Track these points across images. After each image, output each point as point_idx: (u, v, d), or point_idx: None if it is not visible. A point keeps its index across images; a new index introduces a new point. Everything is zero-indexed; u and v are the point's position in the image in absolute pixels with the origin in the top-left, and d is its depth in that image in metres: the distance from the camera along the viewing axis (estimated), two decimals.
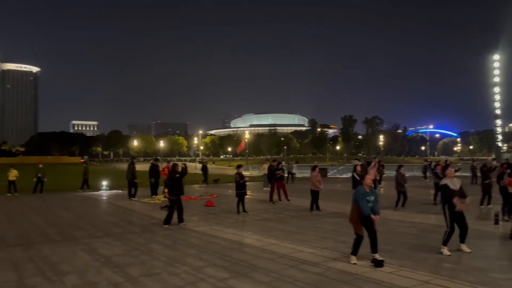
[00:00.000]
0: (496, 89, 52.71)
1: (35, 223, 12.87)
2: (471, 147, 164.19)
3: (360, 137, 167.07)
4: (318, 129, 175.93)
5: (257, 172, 44.78)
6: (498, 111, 53.40)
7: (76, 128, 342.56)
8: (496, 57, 52.25)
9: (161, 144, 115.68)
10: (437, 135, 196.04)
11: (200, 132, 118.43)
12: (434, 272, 6.88)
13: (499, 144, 57.10)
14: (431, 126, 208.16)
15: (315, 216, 13.71)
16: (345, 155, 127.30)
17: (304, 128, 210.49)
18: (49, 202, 19.13)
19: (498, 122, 54.74)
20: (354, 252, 7.57)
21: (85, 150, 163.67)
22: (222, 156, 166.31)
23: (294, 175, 32.55)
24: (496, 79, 52.71)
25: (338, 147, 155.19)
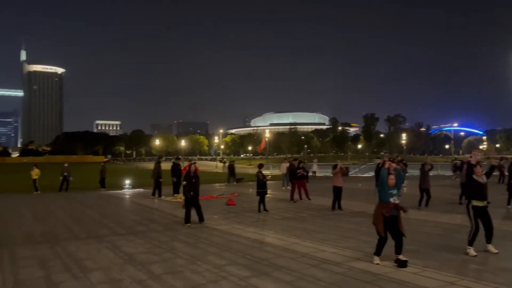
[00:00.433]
0: None
1: (61, 221, 13.17)
2: (498, 145, 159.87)
3: (382, 136, 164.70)
4: (339, 128, 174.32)
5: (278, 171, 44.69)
6: None
7: (100, 128, 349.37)
8: None
9: (183, 143, 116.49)
10: (462, 133, 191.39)
11: (221, 131, 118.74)
12: (460, 273, 6.73)
13: None
14: (456, 124, 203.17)
15: (337, 216, 13.60)
16: (367, 154, 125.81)
17: (325, 127, 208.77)
18: (75, 200, 19.56)
19: None
20: (377, 252, 7.47)
21: (109, 149, 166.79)
22: (243, 155, 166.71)
23: (315, 174, 32.34)
24: None
25: (360, 146, 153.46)
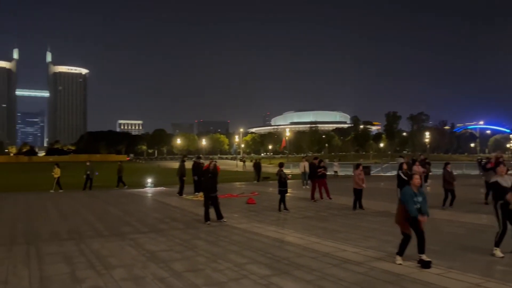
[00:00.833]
0: None
1: (86, 219, 13.44)
2: None
3: (405, 134, 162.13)
4: (361, 126, 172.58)
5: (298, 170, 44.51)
6: None
7: (122, 127, 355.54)
8: None
9: (203, 142, 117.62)
10: (488, 132, 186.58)
11: (241, 130, 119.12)
12: (486, 275, 6.56)
13: None
14: (482, 122, 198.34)
15: (358, 215, 13.45)
16: (389, 153, 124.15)
17: (346, 125, 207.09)
18: (98, 198, 19.94)
19: None
20: (400, 252, 7.34)
21: (131, 149, 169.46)
22: (263, 154, 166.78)
23: (337, 174, 32.04)
24: None
25: (382, 145, 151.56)
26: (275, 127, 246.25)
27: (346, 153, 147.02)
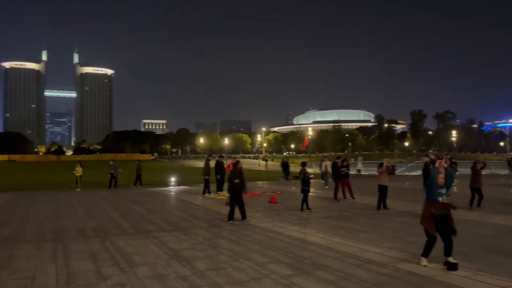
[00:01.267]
0: None
1: (111, 216, 13.71)
2: None
3: (431, 133, 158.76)
4: (385, 125, 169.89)
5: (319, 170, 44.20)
6: None
7: (147, 127, 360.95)
8: None
9: (226, 142, 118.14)
10: None
11: (263, 129, 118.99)
12: None
13: None
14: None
15: (383, 215, 13.25)
16: (414, 152, 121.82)
17: (370, 124, 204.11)
18: (123, 197, 20.30)
19: None
20: (425, 254, 7.18)
21: (155, 148, 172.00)
22: (285, 153, 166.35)
23: (359, 173, 31.66)
24: None
25: (407, 144, 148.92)
26: (298, 126, 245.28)
27: (370, 152, 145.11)
